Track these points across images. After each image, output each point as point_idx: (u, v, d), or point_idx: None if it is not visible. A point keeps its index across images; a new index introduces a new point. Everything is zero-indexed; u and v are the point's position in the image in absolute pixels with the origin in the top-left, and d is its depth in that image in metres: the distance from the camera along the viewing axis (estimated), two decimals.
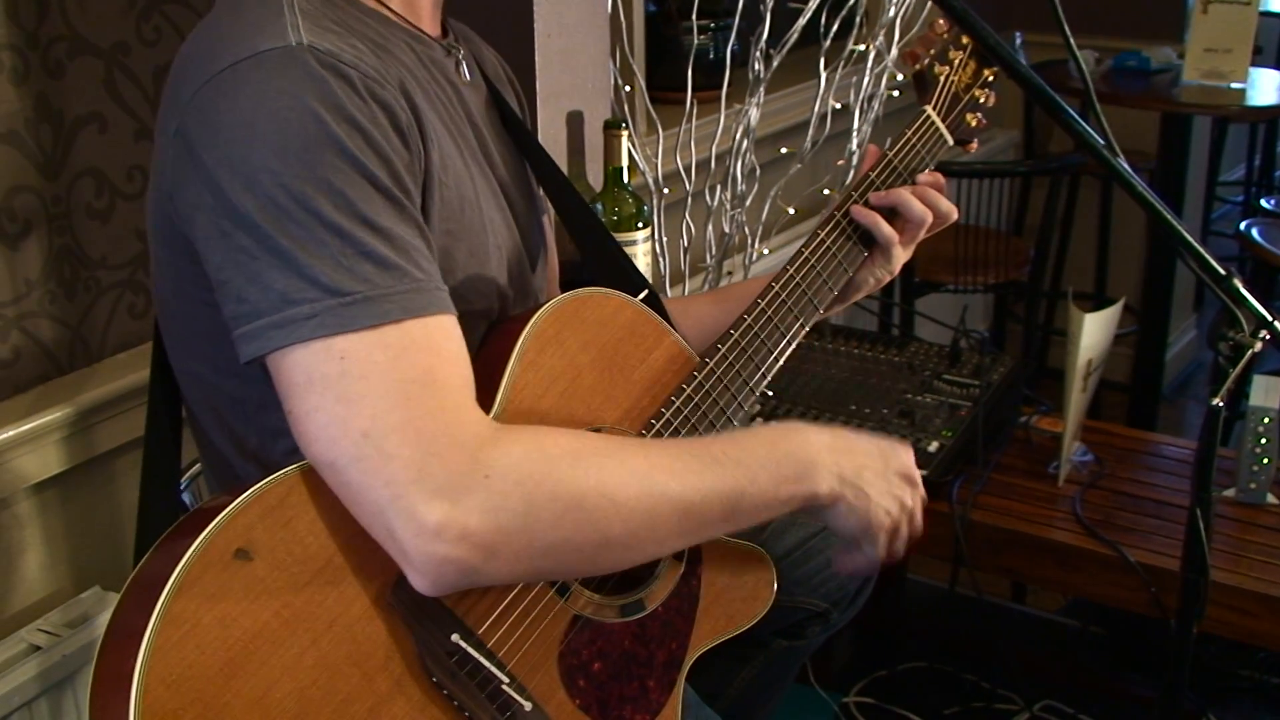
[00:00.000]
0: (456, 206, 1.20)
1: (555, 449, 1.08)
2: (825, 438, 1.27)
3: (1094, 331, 2.17)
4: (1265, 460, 2.15)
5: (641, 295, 1.34)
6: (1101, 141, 1.33)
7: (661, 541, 1.16)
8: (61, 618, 1.73)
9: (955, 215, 1.50)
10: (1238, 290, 1.33)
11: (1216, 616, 2.00)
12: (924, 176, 1.52)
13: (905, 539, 1.35)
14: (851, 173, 1.56)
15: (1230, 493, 2.20)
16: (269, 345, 1.04)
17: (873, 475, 1.29)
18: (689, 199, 2.17)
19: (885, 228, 1.46)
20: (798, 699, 2.44)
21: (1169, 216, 1.34)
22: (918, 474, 1.36)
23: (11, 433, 1.65)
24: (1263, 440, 2.14)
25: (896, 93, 2.26)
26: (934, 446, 2.23)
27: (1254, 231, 3.10)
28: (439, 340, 1.07)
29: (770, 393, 2.38)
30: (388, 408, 1.02)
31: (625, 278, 1.42)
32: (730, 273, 2.40)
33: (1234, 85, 3.43)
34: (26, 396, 1.72)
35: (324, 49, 1.08)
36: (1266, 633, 2.00)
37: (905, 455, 1.35)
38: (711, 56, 2.96)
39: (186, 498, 1.52)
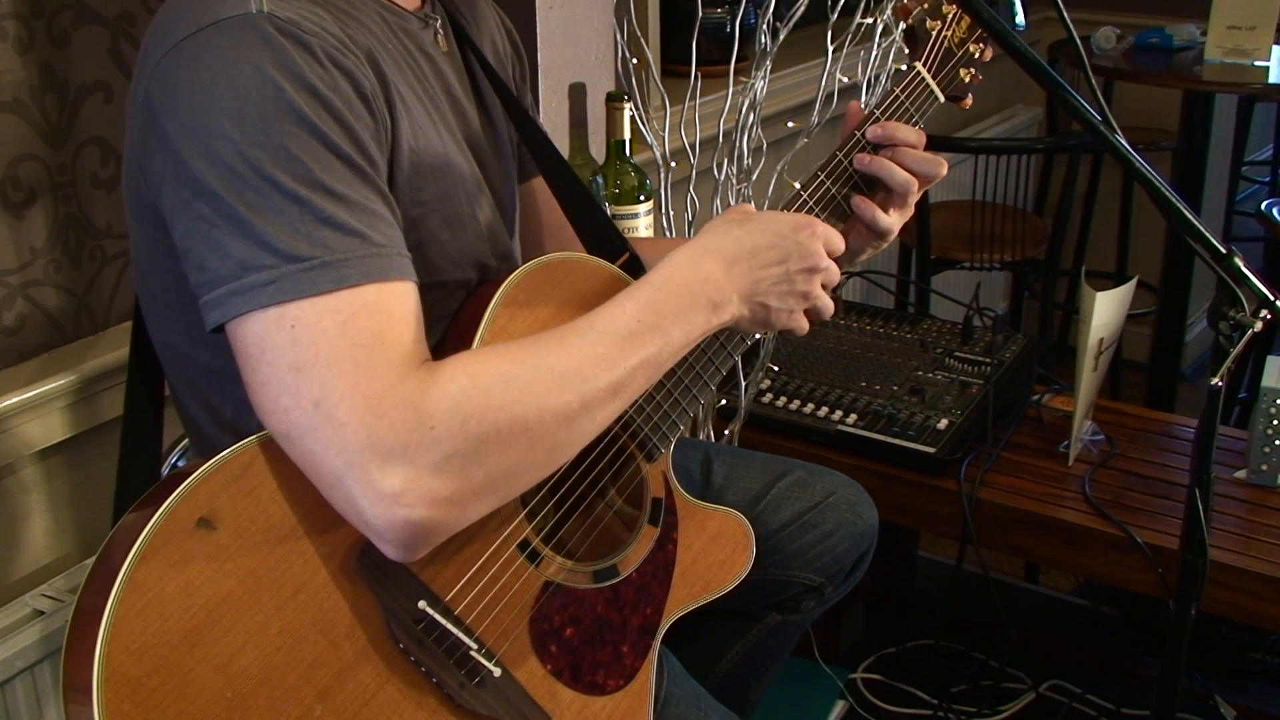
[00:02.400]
0: (429, 176, 1.20)
1: (487, 378, 1.08)
2: (724, 263, 1.28)
3: (1106, 310, 2.15)
4: (1277, 442, 2.13)
5: (621, 260, 1.34)
6: (1099, 117, 1.31)
7: (604, 422, 1.18)
8: (66, 583, 1.74)
9: (944, 168, 1.46)
10: (1239, 269, 1.32)
11: (1224, 599, 1.99)
12: (879, 129, 1.46)
13: (818, 313, 1.38)
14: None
15: (1241, 474, 2.18)
16: (230, 312, 1.05)
17: (772, 284, 1.31)
18: (693, 173, 2.15)
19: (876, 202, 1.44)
20: (804, 674, 2.44)
21: (1168, 193, 1.33)
22: (823, 257, 1.34)
23: (16, 399, 1.66)
24: (1274, 422, 2.13)
25: (904, 67, 2.25)
26: (944, 424, 2.23)
27: (1274, 211, 3.06)
28: (391, 304, 1.07)
29: (775, 367, 2.38)
30: (336, 375, 1.02)
31: (608, 242, 1.43)
32: None
33: (1257, 63, 3.38)
34: (31, 364, 1.73)
35: (284, 17, 1.09)
36: (1274, 616, 1.98)
37: (810, 243, 1.33)
38: (728, 30, 2.95)
39: (182, 465, 1.53)
